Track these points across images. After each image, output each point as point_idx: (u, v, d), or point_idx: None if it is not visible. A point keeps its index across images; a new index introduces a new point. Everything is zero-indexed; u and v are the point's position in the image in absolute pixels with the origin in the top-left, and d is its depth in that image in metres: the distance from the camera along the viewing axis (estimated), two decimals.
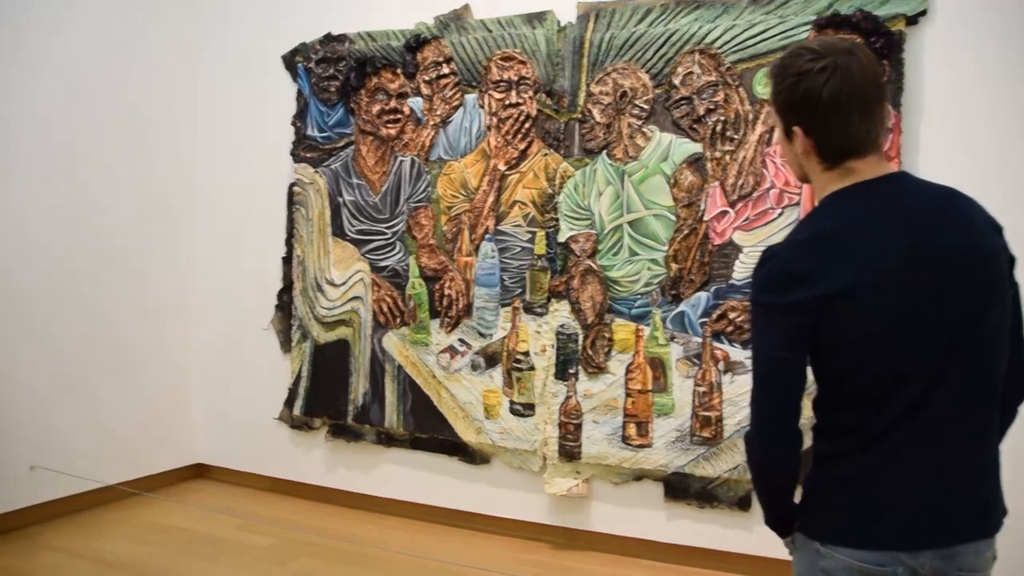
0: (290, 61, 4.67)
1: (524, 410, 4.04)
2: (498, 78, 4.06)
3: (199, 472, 5.10)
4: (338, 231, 4.50)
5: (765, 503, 1.68)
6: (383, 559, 3.86)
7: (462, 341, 4.18)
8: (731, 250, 3.64)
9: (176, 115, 4.91)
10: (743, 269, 3.61)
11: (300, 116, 4.62)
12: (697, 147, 3.68)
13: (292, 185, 4.65)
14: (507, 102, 4.04)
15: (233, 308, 4.93)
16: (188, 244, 5.01)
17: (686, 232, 3.70)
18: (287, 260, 4.69)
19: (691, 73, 3.67)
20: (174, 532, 4.17)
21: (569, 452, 3.93)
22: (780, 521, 1.66)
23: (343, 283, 4.49)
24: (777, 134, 1.69)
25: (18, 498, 4.14)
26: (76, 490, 4.35)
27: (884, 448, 1.47)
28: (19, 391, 4.14)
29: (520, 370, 4.04)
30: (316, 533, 4.17)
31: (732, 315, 3.62)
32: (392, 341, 4.36)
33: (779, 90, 1.58)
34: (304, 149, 4.60)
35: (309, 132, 4.58)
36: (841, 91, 1.49)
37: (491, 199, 4.09)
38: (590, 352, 3.89)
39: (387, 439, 4.43)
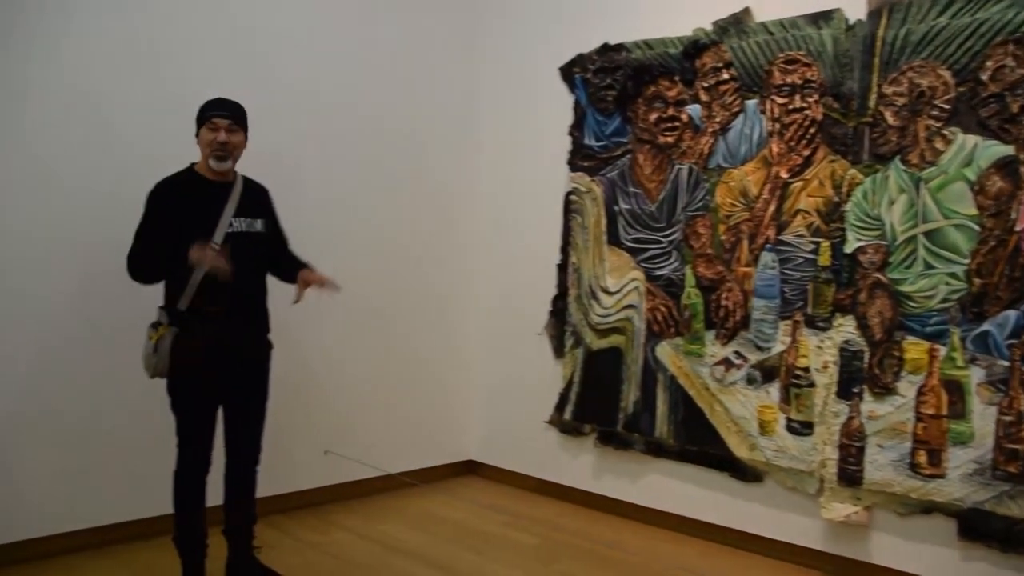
0: (567, 72, 4.76)
1: (802, 428, 3.85)
2: (781, 82, 3.90)
3: (470, 468, 5.32)
4: (613, 239, 4.53)
5: None
6: (646, 568, 3.83)
7: (738, 354, 4.05)
8: None
9: (458, 126, 5.17)
10: None
11: (577, 126, 4.70)
12: (1008, 149, 3.32)
13: (569, 194, 4.74)
14: (790, 107, 3.87)
15: (510, 313, 5.11)
16: (470, 250, 5.26)
17: (993, 244, 3.36)
18: (562, 267, 4.78)
19: (1003, 67, 3.32)
20: (447, 524, 4.38)
21: (849, 476, 3.70)
22: None
23: (617, 291, 4.50)
24: None
25: (314, 478, 4.57)
26: (362, 476, 4.70)
27: None
28: (320, 383, 4.56)
29: (799, 386, 3.85)
30: (581, 537, 4.22)
31: None
32: (665, 351, 4.32)
33: None
34: (581, 158, 4.67)
35: (586, 141, 4.65)
36: None
37: (772, 208, 3.93)
38: (877, 371, 3.63)
39: (656, 449, 4.39)
